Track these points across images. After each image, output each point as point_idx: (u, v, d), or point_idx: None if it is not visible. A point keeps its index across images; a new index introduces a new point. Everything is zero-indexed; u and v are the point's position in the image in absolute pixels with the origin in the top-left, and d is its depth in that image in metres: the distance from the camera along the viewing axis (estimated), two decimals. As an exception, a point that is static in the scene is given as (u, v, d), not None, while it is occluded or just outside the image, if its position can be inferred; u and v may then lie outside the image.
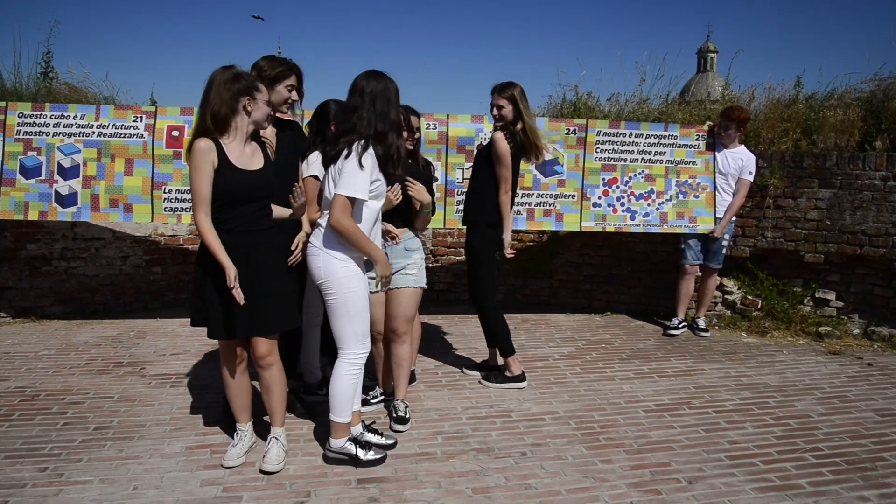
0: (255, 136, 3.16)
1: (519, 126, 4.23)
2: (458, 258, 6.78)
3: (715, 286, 5.86)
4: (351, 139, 3.04)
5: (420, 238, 3.90)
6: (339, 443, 3.21)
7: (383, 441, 3.40)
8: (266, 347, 3.12)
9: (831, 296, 5.75)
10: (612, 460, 3.32)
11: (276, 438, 3.21)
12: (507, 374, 4.40)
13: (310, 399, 3.97)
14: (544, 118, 5.73)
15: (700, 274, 5.77)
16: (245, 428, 3.29)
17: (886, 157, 5.41)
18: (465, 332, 5.69)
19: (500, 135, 4.20)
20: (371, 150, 3.03)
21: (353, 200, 3.00)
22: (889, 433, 3.69)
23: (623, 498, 2.95)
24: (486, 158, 4.32)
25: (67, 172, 5.05)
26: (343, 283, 3.10)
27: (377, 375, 4.08)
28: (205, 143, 2.93)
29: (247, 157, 3.06)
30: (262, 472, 3.10)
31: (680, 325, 5.71)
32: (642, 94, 6.93)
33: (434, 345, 5.32)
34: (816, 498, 2.97)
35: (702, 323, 5.76)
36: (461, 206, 5.32)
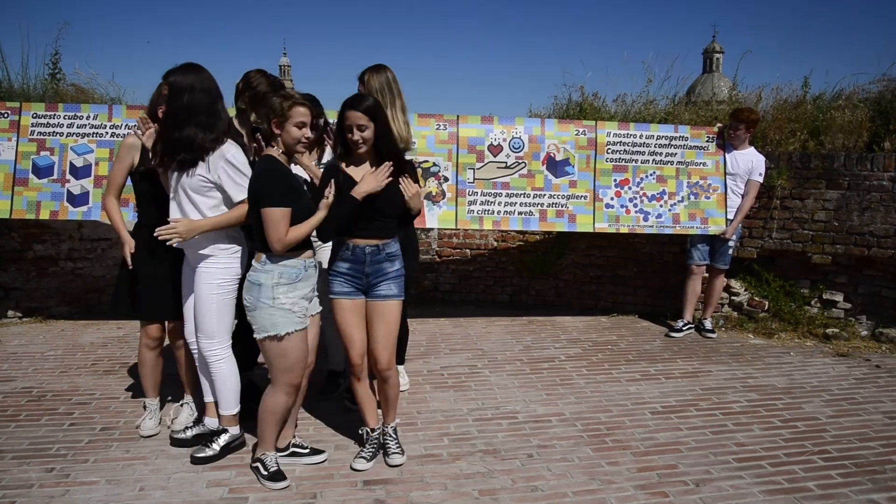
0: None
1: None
2: (464, 259, 6.77)
3: (722, 287, 5.83)
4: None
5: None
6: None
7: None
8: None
9: (839, 297, 5.72)
10: (618, 462, 3.31)
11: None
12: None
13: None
14: (553, 120, 5.71)
15: (707, 274, 5.76)
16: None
17: (895, 158, 5.38)
18: (471, 334, 5.68)
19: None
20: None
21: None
22: (898, 436, 3.67)
23: (630, 500, 2.94)
24: None
25: (79, 172, 5.07)
26: None
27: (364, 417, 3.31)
28: None
29: None
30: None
31: (684, 328, 5.69)
32: (648, 94, 6.92)
33: (439, 346, 5.31)
34: (825, 501, 2.95)
35: (708, 324, 5.74)
36: (472, 206, 5.31)
